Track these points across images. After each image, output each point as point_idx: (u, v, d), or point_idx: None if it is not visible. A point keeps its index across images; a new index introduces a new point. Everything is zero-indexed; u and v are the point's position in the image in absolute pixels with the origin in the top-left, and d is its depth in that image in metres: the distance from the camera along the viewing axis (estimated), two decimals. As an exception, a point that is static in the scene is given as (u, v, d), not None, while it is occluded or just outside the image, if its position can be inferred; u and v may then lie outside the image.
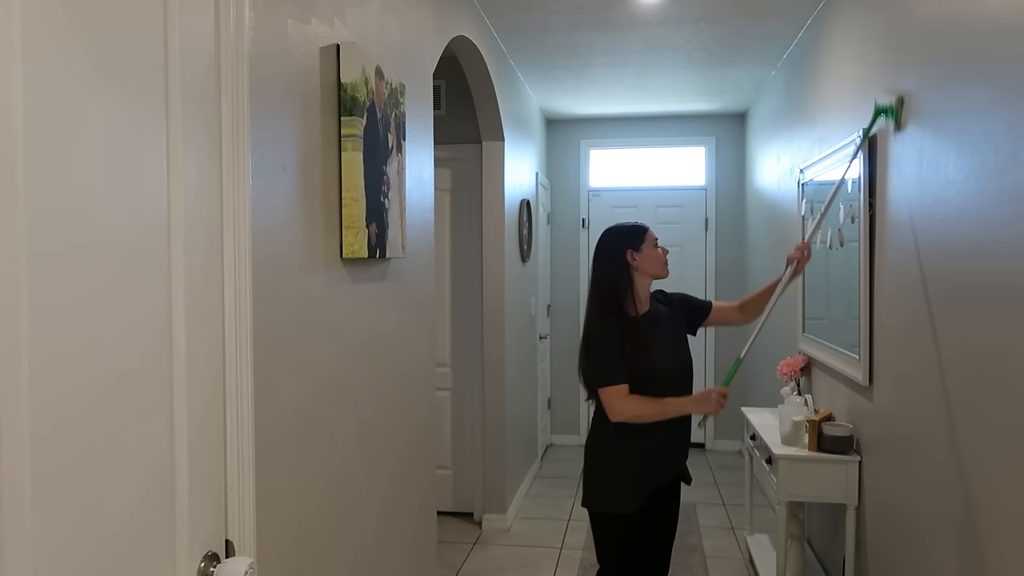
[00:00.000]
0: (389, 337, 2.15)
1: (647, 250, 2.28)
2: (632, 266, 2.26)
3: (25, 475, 0.81)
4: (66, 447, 0.87)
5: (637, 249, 2.27)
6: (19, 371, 0.81)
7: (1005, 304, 1.60)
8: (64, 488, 0.87)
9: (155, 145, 1.04)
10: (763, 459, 3.07)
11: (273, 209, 1.43)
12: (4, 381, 0.79)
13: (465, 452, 4.24)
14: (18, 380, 0.81)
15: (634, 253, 2.27)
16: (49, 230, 0.85)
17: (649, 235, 2.31)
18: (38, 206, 0.83)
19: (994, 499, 1.66)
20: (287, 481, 1.50)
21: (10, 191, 0.80)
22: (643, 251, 2.27)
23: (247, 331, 1.26)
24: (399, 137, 2.14)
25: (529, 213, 4.73)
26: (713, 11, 3.41)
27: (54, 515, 0.85)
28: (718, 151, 5.75)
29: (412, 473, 2.36)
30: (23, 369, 0.81)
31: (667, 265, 2.31)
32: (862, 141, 2.45)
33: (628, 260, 2.26)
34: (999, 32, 1.64)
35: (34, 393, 0.82)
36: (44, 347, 0.84)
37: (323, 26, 1.69)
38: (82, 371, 0.90)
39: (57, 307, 0.86)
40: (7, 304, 0.80)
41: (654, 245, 2.30)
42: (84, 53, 0.91)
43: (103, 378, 0.94)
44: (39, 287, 0.83)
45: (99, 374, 0.93)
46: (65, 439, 0.87)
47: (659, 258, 2.30)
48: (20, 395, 0.81)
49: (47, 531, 0.84)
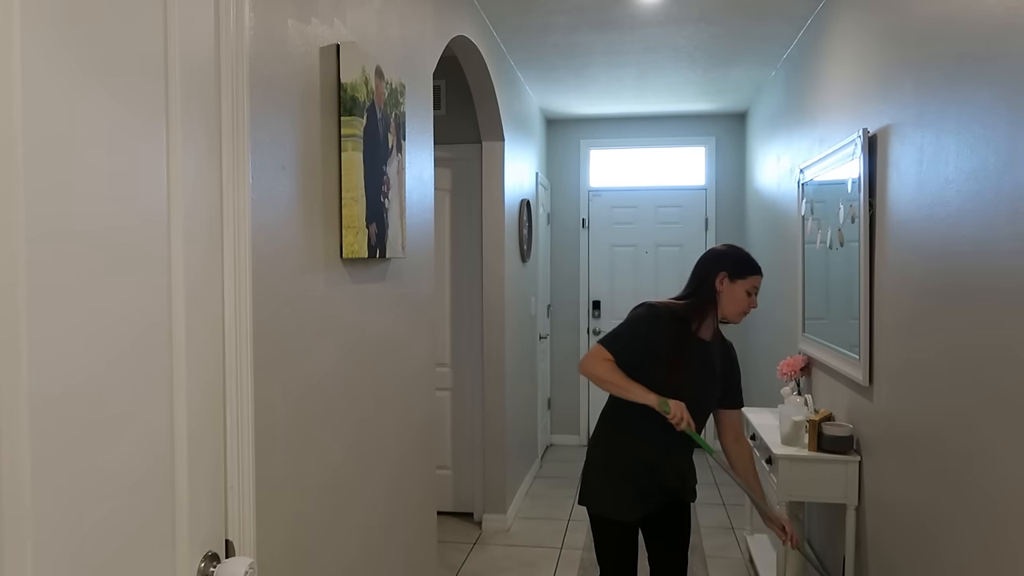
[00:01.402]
0: (389, 337, 2.15)
1: (738, 287, 2.18)
2: (717, 289, 2.19)
3: (25, 475, 0.81)
4: (65, 450, 0.87)
5: (731, 279, 2.18)
6: (19, 371, 0.81)
7: (1005, 304, 1.60)
8: (64, 488, 0.87)
9: (155, 145, 1.05)
10: (763, 459, 3.07)
11: (273, 209, 1.43)
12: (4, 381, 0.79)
13: (465, 452, 4.24)
14: (18, 381, 0.81)
15: (725, 279, 2.18)
16: (48, 232, 0.85)
17: (752, 279, 2.20)
18: (37, 208, 0.83)
19: (995, 498, 1.66)
20: (287, 481, 1.50)
21: (9, 192, 0.80)
22: (735, 284, 2.18)
23: (247, 331, 1.26)
24: (399, 137, 2.14)
25: (529, 213, 4.73)
26: (713, 11, 3.41)
27: (54, 515, 0.85)
28: (718, 151, 5.76)
29: (412, 473, 2.36)
30: (24, 373, 0.81)
31: (743, 316, 2.22)
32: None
33: (716, 283, 2.19)
34: (998, 32, 1.64)
35: (34, 395, 0.82)
36: (43, 350, 0.84)
37: (323, 26, 1.69)
38: (82, 373, 0.90)
39: (55, 310, 0.86)
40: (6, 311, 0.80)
41: (747, 291, 2.20)
42: (84, 52, 0.91)
43: (103, 380, 0.94)
44: (38, 291, 0.83)
45: (99, 376, 0.93)
46: (64, 443, 0.87)
47: (742, 302, 2.20)
48: (20, 396, 0.81)
49: (47, 532, 0.84)
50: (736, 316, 2.21)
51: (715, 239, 5.72)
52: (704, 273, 2.22)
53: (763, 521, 2.45)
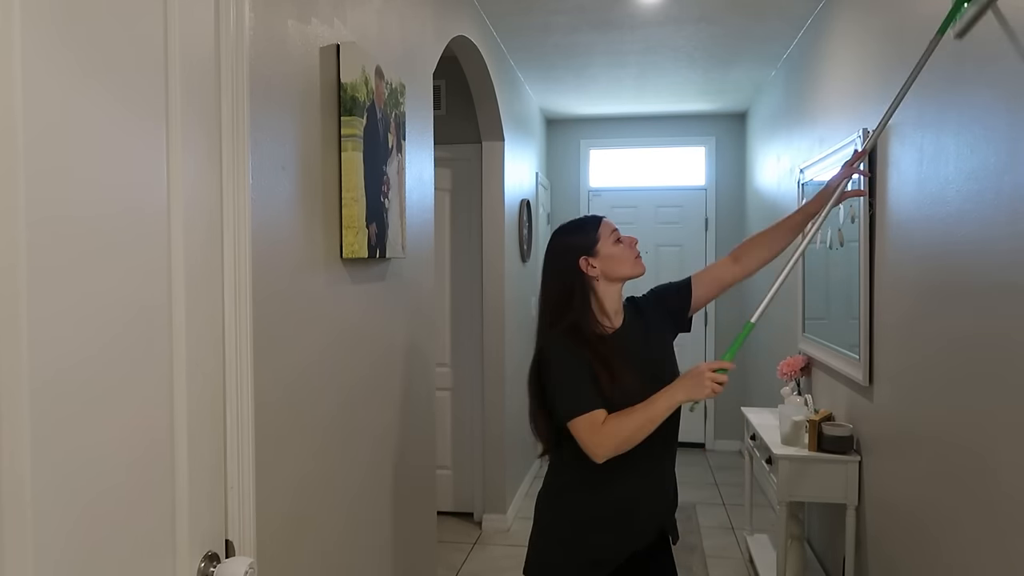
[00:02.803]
0: (389, 337, 2.15)
1: (605, 249, 1.73)
2: (589, 275, 1.72)
3: (25, 477, 0.81)
4: (66, 450, 0.87)
5: (591, 252, 1.73)
6: (19, 374, 0.81)
7: (1005, 303, 1.60)
8: (64, 490, 0.87)
9: (155, 145, 1.05)
10: (763, 459, 3.07)
11: (273, 209, 1.43)
12: (4, 381, 0.79)
13: (465, 452, 4.24)
14: (18, 383, 0.81)
15: (589, 259, 1.72)
16: (47, 233, 0.85)
17: (604, 227, 1.76)
18: (36, 211, 0.83)
19: (995, 498, 1.66)
20: (287, 481, 1.50)
21: (9, 192, 0.80)
22: (600, 252, 1.73)
23: (247, 331, 1.26)
24: (399, 137, 2.14)
25: (529, 213, 4.73)
26: (713, 11, 3.41)
27: (55, 517, 0.85)
28: (718, 151, 5.76)
29: (412, 473, 2.36)
30: (24, 373, 0.81)
31: (639, 259, 1.76)
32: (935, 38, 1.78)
33: (582, 268, 1.72)
34: (998, 32, 1.64)
35: (34, 396, 0.82)
36: (43, 349, 0.84)
37: (323, 26, 1.69)
38: (82, 373, 0.90)
39: (56, 311, 0.86)
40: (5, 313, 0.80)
41: (614, 240, 1.75)
42: (84, 53, 0.91)
43: (103, 379, 0.94)
44: (37, 295, 0.83)
45: (99, 375, 0.93)
46: (65, 443, 0.87)
47: (624, 255, 1.74)
48: (21, 398, 0.81)
49: (47, 533, 0.84)
50: (633, 266, 1.75)
51: (715, 239, 5.72)
52: (561, 276, 1.74)
53: (834, 195, 1.82)
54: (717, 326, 5.70)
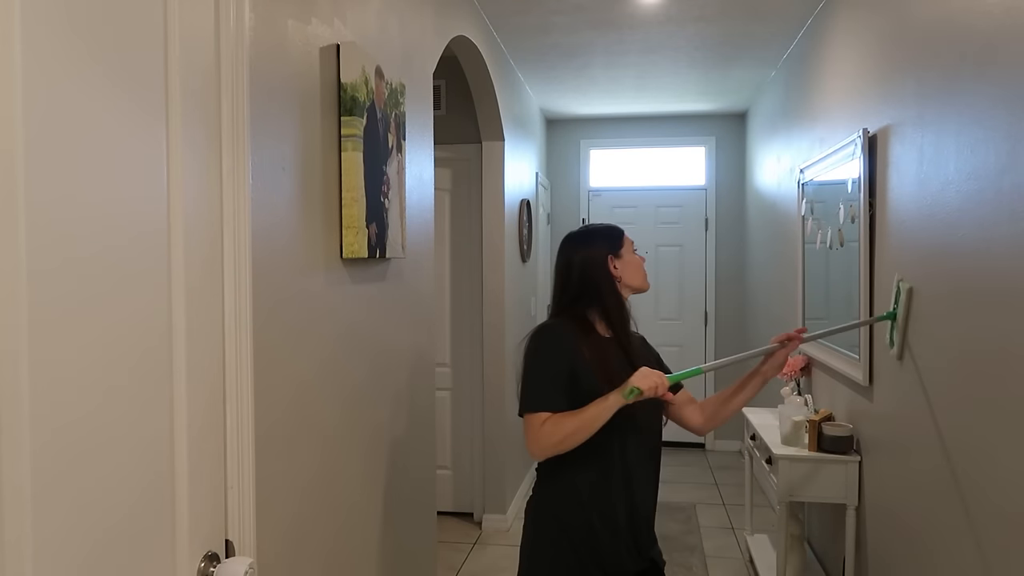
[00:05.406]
0: (389, 337, 2.15)
1: (628, 255, 1.81)
2: (615, 277, 1.77)
3: (26, 477, 0.81)
4: (66, 449, 0.87)
5: (617, 254, 1.78)
6: (19, 374, 0.81)
7: (1005, 304, 1.60)
8: (64, 490, 0.87)
9: (155, 145, 1.05)
10: (763, 459, 3.07)
11: (273, 209, 1.43)
12: (4, 386, 0.79)
13: (465, 452, 4.24)
14: (18, 384, 0.81)
15: (614, 260, 1.78)
16: (47, 234, 0.85)
17: (626, 239, 1.84)
18: (36, 213, 0.83)
19: (995, 498, 1.66)
20: (287, 481, 1.50)
21: (9, 192, 0.80)
22: (623, 256, 1.79)
23: (247, 331, 1.26)
24: (399, 137, 2.14)
25: (529, 213, 4.73)
26: (713, 12, 3.41)
27: (54, 517, 0.85)
28: (718, 151, 5.76)
29: (412, 473, 2.36)
30: (23, 373, 0.81)
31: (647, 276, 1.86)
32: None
33: (611, 270, 1.77)
34: (998, 32, 1.64)
35: (34, 397, 0.82)
36: (43, 350, 0.84)
37: (323, 26, 1.69)
38: (82, 374, 0.90)
39: (56, 311, 0.86)
40: (6, 313, 0.80)
41: (632, 250, 1.84)
42: (84, 53, 0.91)
43: (104, 380, 0.94)
44: (38, 293, 0.83)
45: (100, 376, 0.93)
46: (65, 442, 0.87)
47: (641, 267, 1.83)
48: (20, 400, 0.81)
49: (47, 534, 0.84)
50: (645, 280, 1.82)
51: (715, 239, 5.72)
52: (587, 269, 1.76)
53: (765, 369, 1.87)
54: (717, 326, 5.70)
